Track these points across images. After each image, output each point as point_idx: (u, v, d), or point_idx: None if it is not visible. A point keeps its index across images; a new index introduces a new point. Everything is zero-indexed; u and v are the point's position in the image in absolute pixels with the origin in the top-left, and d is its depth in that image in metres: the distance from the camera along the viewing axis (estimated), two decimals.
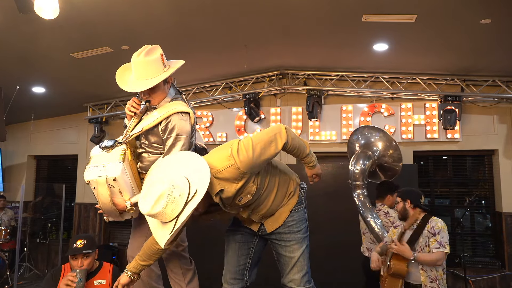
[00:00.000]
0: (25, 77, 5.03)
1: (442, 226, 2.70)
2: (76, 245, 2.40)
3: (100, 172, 1.93)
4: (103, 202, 1.95)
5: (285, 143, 1.68)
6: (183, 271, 2.00)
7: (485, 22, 3.38)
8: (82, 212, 6.52)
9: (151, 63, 1.94)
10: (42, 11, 2.22)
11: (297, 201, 1.88)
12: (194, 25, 3.79)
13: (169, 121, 1.97)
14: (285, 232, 1.81)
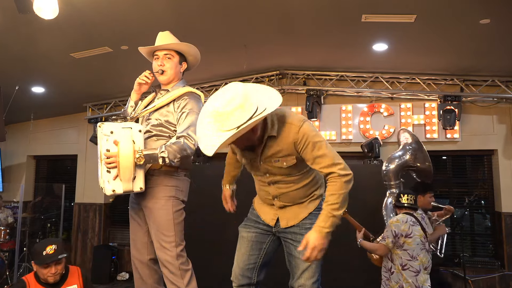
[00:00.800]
0: (24, 77, 5.03)
1: (391, 221, 3.01)
2: (46, 251, 2.24)
3: (122, 124, 1.91)
4: (126, 155, 1.85)
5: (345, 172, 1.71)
6: (181, 272, 1.99)
7: (484, 22, 3.38)
8: (82, 212, 6.51)
9: (173, 36, 2.27)
10: (42, 11, 2.23)
11: (317, 207, 1.85)
12: (193, 25, 3.79)
13: (183, 98, 2.09)
14: (302, 233, 1.75)
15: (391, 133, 5.17)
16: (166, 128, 2.12)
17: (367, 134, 5.23)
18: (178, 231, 2.06)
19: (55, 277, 2.27)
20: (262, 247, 1.89)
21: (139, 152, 1.89)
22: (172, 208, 2.07)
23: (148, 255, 2.14)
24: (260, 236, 1.89)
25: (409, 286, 2.86)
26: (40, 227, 6.50)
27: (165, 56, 2.19)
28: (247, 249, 1.88)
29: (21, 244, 5.77)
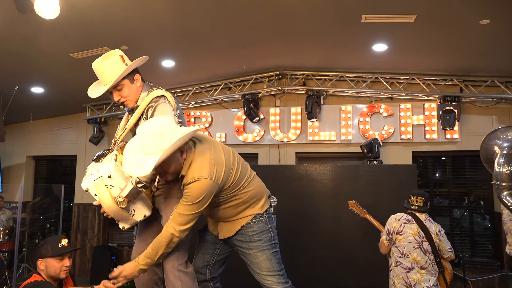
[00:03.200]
0: (24, 77, 5.02)
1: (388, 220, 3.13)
2: (62, 244, 2.28)
3: (95, 176, 1.91)
4: (108, 206, 1.88)
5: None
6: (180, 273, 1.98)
7: (484, 23, 3.38)
8: (81, 213, 6.50)
9: (108, 65, 1.98)
10: (42, 11, 2.21)
11: (255, 216, 1.98)
12: (193, 25, 3.79)
13: (150, 107, 1.99)
14: (246, 241, 1.95)
15: (391, 133, 5.18)
16: None
17: (367, 135, 5.23)
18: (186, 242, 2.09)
19: (68, 270, 2.29)
20: (215, 247, 2.11)
21: (118, 197, 1.88)
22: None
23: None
24: (214, 238, 2.09)
25: (399, 283, 2.93)
26: (39, 227, 6.50)
27: (115, 90, 2.00)
28: (202, 248, 2.13)
29: (20, 244, 5.76)
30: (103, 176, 1.88)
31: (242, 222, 1.97)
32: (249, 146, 5.64)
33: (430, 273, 2.94)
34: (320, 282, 4.33)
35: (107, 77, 1.98)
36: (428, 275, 2.93)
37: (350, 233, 4.32)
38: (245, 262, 2.05)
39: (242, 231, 1.97)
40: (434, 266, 2.97)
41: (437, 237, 3.02)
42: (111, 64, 1.98)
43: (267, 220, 1.98)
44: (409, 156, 5.16)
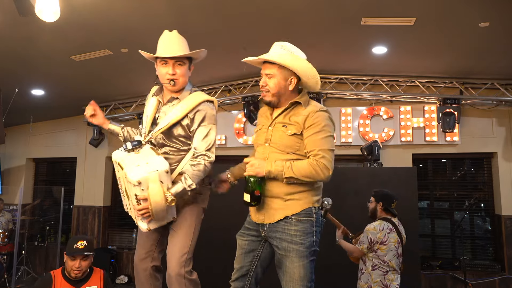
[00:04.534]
0: (24, 80, 5.03)
1: (368, 228, 3.07)
2: (77, 245, 2.40)
3: (148, 168, 1.79)
4: (157, 202, 1.77)
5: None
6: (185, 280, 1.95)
7: (483, 26, 3.39)
8: (81, 215, 6.49)
9: (182, 39, 2.03)
10: (43, 13, 2.21)
11: (305, 211, 1.81)
12: (193, 28, 3.79)
13: (199, 110, 1.94)
14: (287, 240, 1.78)
15: (391, 135, 5.18)
16: (183, 140, 2.00)
17: (367, 137, 5.23)
18: (195, 241, 2.03)
19: (78, 272, 2.38)
20: (254, 254, 1.92)
21: (168, 193, 1.82)
22: (197, 218, 2.05)
23: (151, 263, 2.11)
24: (252, 243, 1.93)
25: (376, 286, 2.98)
26: (39, 230, 6.49)
27: (176, 63, 1.96)
28: (241, 257, 1.94)
29: (19, 247, 5.76)
30: (159, 170, 1.80)
31: (292, 208, 1.79)
32: (249, 149, 5.64)
33: (398, 272, 3.05)
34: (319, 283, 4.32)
35: (176, 48, 1.97)
36: (398, 275, 3.04)
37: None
38: (275, 265, 1.89)
39: (286, 225, 1.79)
40: (400, 265, 3.09)
41: (404, 239, 3.13)
42: (183, 40, 2.03)
43: (314, 222, 1.81)
44: (409, 158, 5.16)
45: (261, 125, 1.98)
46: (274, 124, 1.89)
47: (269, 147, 1.87)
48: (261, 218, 1.85)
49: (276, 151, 1.85)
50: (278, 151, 1.84)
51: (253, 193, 1.78)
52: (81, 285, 2.40)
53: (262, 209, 1.85)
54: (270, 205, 1.83)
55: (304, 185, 1.81)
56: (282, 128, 1.85)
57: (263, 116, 2.01)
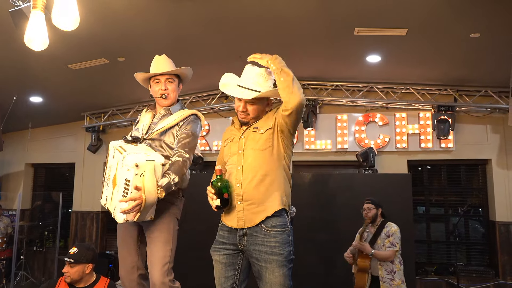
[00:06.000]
0: (22, 87, 5.07)
1: (395, 229, 3.42)
2: (69, 251, 2.47)
3: (147, 157, 1.88)
4: (150, 191, 1.83)
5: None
6: None
7: (474, 36, 3.44)
8: (79, 220, 6.53)
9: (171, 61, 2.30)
10: (32, 42, 2.26)
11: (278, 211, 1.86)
12: (189, 36, 3.85)
13: (188, 120, 2.17)
14: (267, 252, 1.82)
15: (386, 142, 5.22)
16: (163, 148, 2.15)
17: (362, 143, 5.27)
18: (174, 250, 2.10)
19: (67, 278, 2.44)
20: (236, 267, 1.94)
21: (159, 186, 1.89)
22: (173, 227, 2.12)
23: (137, 272, 2.17)
24: (231, 256, 1.94)
25: (403, 276, 3.37)
26: (37, 235, 6.53)
27: (167, 80, 2.24)
28: (222, 272, 1.94)
29: (18, 252, 5.79)
30: (156, 161, 1.90)
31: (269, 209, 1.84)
32: None
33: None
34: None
35: (166, 67, 2.25)
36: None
37: (346, 241, 4.32)
38: (254, 275, 1.93)
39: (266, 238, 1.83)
40: None
41: None
42: (171, 62, 2.29)
43: (290, 232, 1.89)
44: (405, 164, 5.20)
45: (231, 137, 2.03)
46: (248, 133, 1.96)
47: (244, 152, 1.92)
48: (240, 223, 1.88)
49: (252, 150, 1.90)
50: (254, 149, 1.90)
51: (223, 196, 1.85)
52: None
53: (240, 214, 1.88)
54: (249, 209, 1.87)
55: (277, 189, 1.87)
56: (253, 130, 1.94)
57: (228, 131, 2.10)
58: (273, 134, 1.90)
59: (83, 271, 2.44)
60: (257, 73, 1.93)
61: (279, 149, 1.90)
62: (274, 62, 1.83)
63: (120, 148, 1.96)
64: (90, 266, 2.48)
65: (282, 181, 1.90)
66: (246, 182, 1.86)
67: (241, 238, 1.89)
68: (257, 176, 1.86)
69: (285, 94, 1.77)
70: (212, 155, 5.82)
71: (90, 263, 2.48)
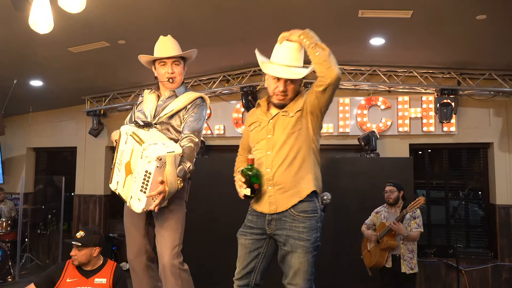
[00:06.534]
0: (22, 71, 5.03)
1: (419, 212, 3.65)
2: (76, 234, 2.50)
3: (167, 148, 1.88)
4: (172, 182, 1.85)
5: None
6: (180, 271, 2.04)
7: (480, 18, 3.38)
8: (82, 204, 6.59)
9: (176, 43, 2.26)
10: (37, 25, 2.22)
11: (312, 208, 1.85)
12: (191, 20, 3.79)
13: (195, 103, 2.17)
14: (294, 237, 1.82)
15: (388, 126, 5.21)
16: (170, 132, 2.15)
17: (364, 127, 5.26)
18: (183, 232, 2.13)
19: (75, 261, 2.46)
20: (259, 252, 1.93)
21: (178, 177, 1.91)
22: (182, 210, 2.14)
23: (145, 254, 2.20)
24: (257, 242, 1.93)
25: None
26: (41, 218, 6.60)
27: (174, 63, 2.20)
28: (245, 256, 1.94)
29: (22, 235, 5.87)
30: (175, 152, 1.90)
31: (301, 192, 1.83)
32: None
33: None
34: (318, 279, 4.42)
35: (172, 49, 2.20)
36: None
37: (348, 223, 4.36)
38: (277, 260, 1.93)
39: (294, 223, 1.82)
40: None
41: None
42: (176, 43, 2.24)
43: (319, 218, 1.88)
44: (406, 148, 5.20)
45: (258, 121, 1.98)
46: (277, 117, 1.91)
47: (273, 136, 1.89)
48: (273, 208, 1.86)
49: (282, 134, 1.87)
50: (284, 133, 1.86)
51: (253, 186, 1.84)
52: (91, 276, 2.47)
53: (272, 199, 1.86)
54: (281, 193, 1.85)
55: (309, 172, 1.86)
56: (282, 114, 1.90)
57: (254, 115, 2.04)
58: (302, 116, 1.87)
59: (90, 254, 2.47)
60: (296, 48, 1.86)
61: (308, 132, 1.87)
62: (308, 37, 1.76)
63: (135, 136, 1.92)
64: (97, 249, 2.51)
65: (312, 164, 1.89)
66: (276, 166, 1.85)
67: (269, 222, 1.88)
68: (287, 160, 1.84)
69: (322, 68, 1.72)
70: (213, 139, 5.82)
71: (98, 247, 2.51)
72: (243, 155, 2.13)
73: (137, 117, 2.22)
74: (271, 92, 1.91)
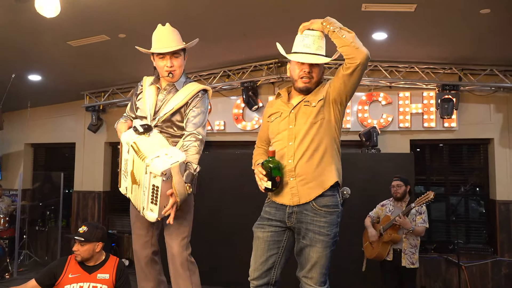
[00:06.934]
0: (21, 65, 4.98)
1: (425, 208, 3.68)
2: (79, 229, 2.47)
3: (170, 160, 1.82)
4: (181, 192, 1.84)
5: None
6: (188, 263, 2.03)
7: (484, 12, 3.37)
8: (81, 200, 6.54)
9: (175, 32, 2.13)
10: (44, 9, 2.19)
11: (334, 203, 1.82)
12: (192, 13, 3.75)
13: (196, 96, 2.09)
14: (314, 231, 1.79)
15: (389, 121, 5.20)
16: (172, 128, 2.11)
17: (365, 123, 5.25)
18: (191, 224, 2.12)
19: (77, 256, 2.43)
20: (280, 245, 1.87)
21: (186, 184, 1.87)
22: (190, 202, 2.12)
23: (151, 248, 2.18)
24: (276, 234, 1.87)
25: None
26: (39, 214, 6.55)
27: (173, 56, 2.08)
28: (264, 250, 1.86)
29: (20, 232, 5.82)
30: (179, 161, 1.83)
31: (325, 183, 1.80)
32: (247, 134, 5.66)
33: None
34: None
35: (171, 42, 2.08)
36: None
37: (350, 218, 4.33)
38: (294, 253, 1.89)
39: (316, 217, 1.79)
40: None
41: None
42: (177, 34, 2.13)
43: (339, 213, 1.85)
44: (407, 144, 5.20)
45: (279, 112, 1.94)
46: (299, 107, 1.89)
47: (295, 126, 1.86)
48: (295, 199, 1.82)
49: (305, 124, 1.83)
50: (306, 123, 1.83)
51: (274, 179, 1.80)
52: (93, 271, 2.44)
53: (295, 190, 1.82)
54: (303, 185, 1.82)
55: (331, 163, 1.84)
56: (305, 104, 1.87)
57: (274, 106, 1.99)
58: (325, 106, 1.84)
59: (93, 249, 2.45)
60: (318, 36, 1.87)
61: (330, 121, 1.85)
62: (331, 23, 1.79)
63: (136, 147, 1.88)
64: (100, 245, 2.48)
65: (335, 155, 1.87)
66: (298, 157, 1.81)
67: (290, 215, 1.84)
68: (309, 151, 1.81)
69: (351, 50, 1.73)
70: (213, 134, 5.80)
71: (100, 242, 2.48)
72: (262, 148, 2.10)
73: (137, 116, 2.15)
74: (296, 77, 1.88)
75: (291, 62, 1.92)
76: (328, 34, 1.81)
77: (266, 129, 2.04)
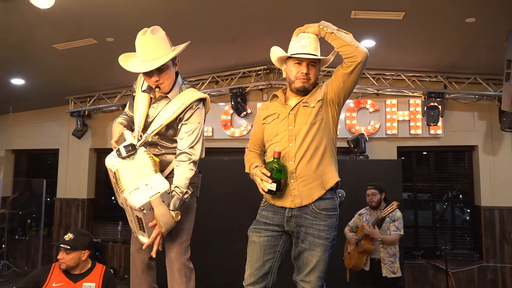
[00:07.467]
0: (3, 68, 4.85)
1: (400, 214, 3.57)
2: (64, 237, 2.38)
3: (149, 192, 1.74)
4: (166, 222, 1.78)
5: None
6: (185, 268, 1.98)
7: (470, 21, 3.46)
8: (64, 208, 6.36)
9: (158, 40, 1.86)
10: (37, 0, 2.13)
11: (333, 206, 1.82)
12: (182, 17, 3.73)
13: (189, 108, 1.93)
14: (314, 235, 1.78)
15: (377, 128, 5.25)
16: (166, 143, 2.03)
17: (353, 130, 5.29)
18: (191, 228, 2.06)
19: (62, 264, 2.34)
20: (276, 250, 1.85)
21: (172, 212, 1.80)
22: (192, 205, 2.06)
23: (148, 253, 2.11)
24: (273, 239, 1.84)
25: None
26: (19, 223, 6.33)
27: (158, 69, 1.87)
28: (260, 254, 1.83)
29: None
30: (160, 192, 1.74)
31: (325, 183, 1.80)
32: (236, 141, 5.63)
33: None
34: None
35: (153, 54, 1.83)
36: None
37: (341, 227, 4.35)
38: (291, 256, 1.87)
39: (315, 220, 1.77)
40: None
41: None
42: (160, 41, 1.86)
43: (337, 216, 1.85)
44: (394, 151, 5.25)
45: (276, 113, 1.92)
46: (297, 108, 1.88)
47: (294, 127, 1.85)
48: (297, 201, 1.79)
49: (304, 125, 1.83)
50: (306, 124, 1.82)
51: (280, 181, 1.77)
52: (79, 280, 2.35)
53: (296, 192, 1.80)
54: (304, 186, 1.80)
55: (331, 162, 1.84)
56: (303, 105, 1.86)
57: (270, 108, 1.98)
58: (323, 106, 1.85)
59: (79, 257, 2.35)
60: (314, 38, 1.89)
61: (328, 122, 1.86)
62: (327, 26, 1.83)
63: (118, 175, 1.79)
64: (86, 253, 2.39)
65: (334, 155, 1.88)
66: (299, 158, 1.80)
67: (289, 219, 1.82)
68: (309, 151, 1.80)
69: (351, 49, 1.75)
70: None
71: (87, 250, 2.39)
72: (254, 151, 2.07)
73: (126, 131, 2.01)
74: (294, 77, 1.88)
75: (288, 64, 1.93)
76: (325, 37, 1.82)
77: (260, 132, 2.02)
